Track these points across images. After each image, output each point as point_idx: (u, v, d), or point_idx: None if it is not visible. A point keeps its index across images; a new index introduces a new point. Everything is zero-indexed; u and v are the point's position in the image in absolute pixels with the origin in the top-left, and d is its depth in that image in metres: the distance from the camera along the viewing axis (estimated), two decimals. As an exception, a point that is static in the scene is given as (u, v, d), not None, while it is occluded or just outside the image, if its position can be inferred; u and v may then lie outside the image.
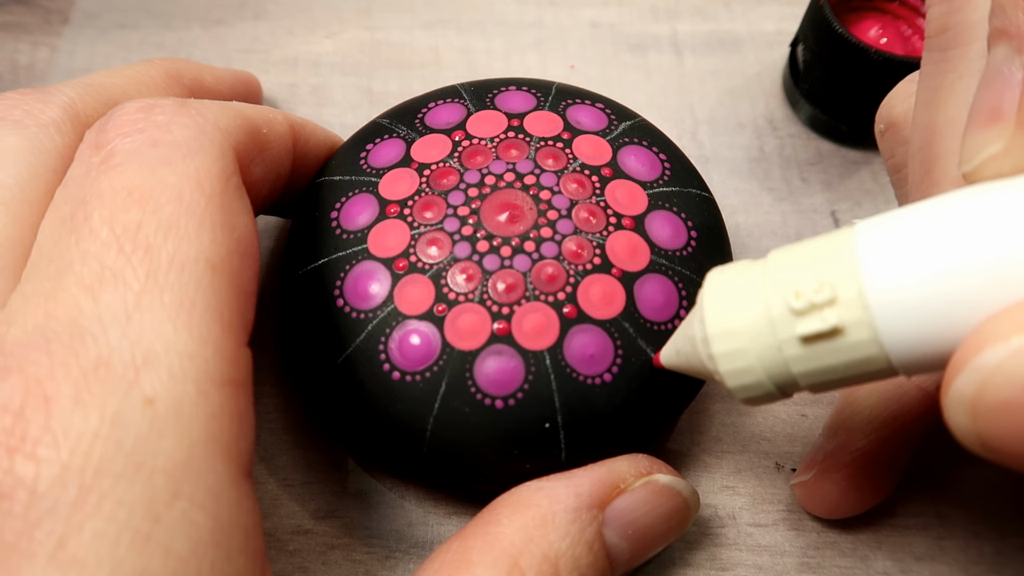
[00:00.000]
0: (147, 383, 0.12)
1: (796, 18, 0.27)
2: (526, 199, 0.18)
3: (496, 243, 0.17)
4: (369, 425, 0.17)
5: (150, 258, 0.13)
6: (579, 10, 0.27)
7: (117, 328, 0.12)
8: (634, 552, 0.16)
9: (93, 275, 0.12)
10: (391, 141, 0.19)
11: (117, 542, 0.11)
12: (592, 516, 0.15)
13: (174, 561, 0.11)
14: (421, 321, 0.16)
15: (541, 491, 0.16)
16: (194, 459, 0.12)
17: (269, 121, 0.17)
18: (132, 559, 0.11)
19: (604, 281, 0.17)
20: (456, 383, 0.16)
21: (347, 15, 0.27)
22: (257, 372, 0.20)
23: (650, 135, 0.20)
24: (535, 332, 0.16)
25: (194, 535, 0.11)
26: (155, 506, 0.11)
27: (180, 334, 0.12)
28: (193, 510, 0.11)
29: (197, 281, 0.13)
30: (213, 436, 0.12)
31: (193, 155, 0.14)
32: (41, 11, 0.27)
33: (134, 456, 0.11)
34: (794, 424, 0.20)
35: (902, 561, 0.18)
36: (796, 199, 0.24)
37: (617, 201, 0.18)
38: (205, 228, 0.13)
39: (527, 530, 0.15)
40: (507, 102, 0.20)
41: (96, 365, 0.12)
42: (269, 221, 0.23)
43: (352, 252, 0.17)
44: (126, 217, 0.13)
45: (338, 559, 0.18)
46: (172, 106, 0.15)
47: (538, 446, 0.16)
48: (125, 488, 0.11)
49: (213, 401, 0.12)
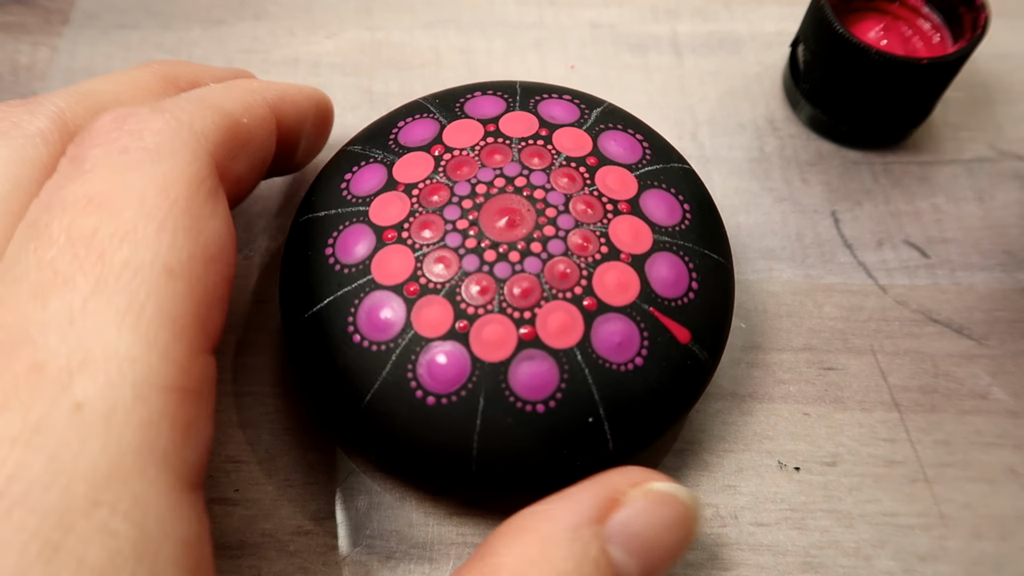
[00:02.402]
0: (79, 388, 0.11)
1: (796, 18, 0.27)
2: (522, 202, 0.18)
3: (503, 250, 0.17)
4: (411, 454, 0.17)
5: (102, 263, 0.12)
6: (579, 10, 0.28)
7: (58, 333, 0.12)
8: (642, 567, 0.15)
9: (45, 281, 0.12)
10: (370, 167, 0.19)
11: (23, 551, 0.10)
12: (593, 532, 0.14)
13: (87, 572, 0.10)
14: (446, 341, 0.16)
15: (536, 514, 0.15)
16: (121, 466, 0.11)
17: (249, 107, 0.17)
18: (38, 569, 0.10)
19: (616, 268, 0.17)
20: (493, 396, 0.16)
21: (347, 15, 0.27)
22: (257, 372, 0.20)
23: (622, 119, 0.20)
24: (561, 331, 0.16)
25: (112, 546, 0.11)
26: (70, 515, 0.11)
27: (124, 338, 0.12)
28: (114, 520, 0.11)
29: (149, 286, 0.12)
30: (148, 443, 0.12)
31: (162, 160, 0.14)
32: (41, 11, 0.27)
33: (53, 463, 0.11)
34: (796, 423, 0.20)
35: (905, 561, 0.18)
36: (796, 199, 0.24)
37: (609, 188, 0.18)
38: (165, 233, 0.13)
39: (527, 555, 0.14)
40: (477, 108, 0.20)
41: (29, 370, 0.11)
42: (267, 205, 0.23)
43: (359, 285, 0.17)
44: (83, 223, 0.13)
45: (338, 559, 0.18)
46: (146, 112, 0.15)
47: (585, 442, 0.16)
48: (38, 495, 0.11)
49: (153, 407, 0.12)
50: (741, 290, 0.22)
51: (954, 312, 0.22)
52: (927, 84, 0.23)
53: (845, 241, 0.23)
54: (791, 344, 0.21)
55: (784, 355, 0.21)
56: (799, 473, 0.19)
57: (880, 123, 0.24)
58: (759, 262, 0.23)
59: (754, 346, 0.21)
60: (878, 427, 0.20)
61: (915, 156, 0.25)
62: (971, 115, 0.26)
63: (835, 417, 0.20)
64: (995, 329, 0.22)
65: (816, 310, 0.22)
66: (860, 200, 0.24)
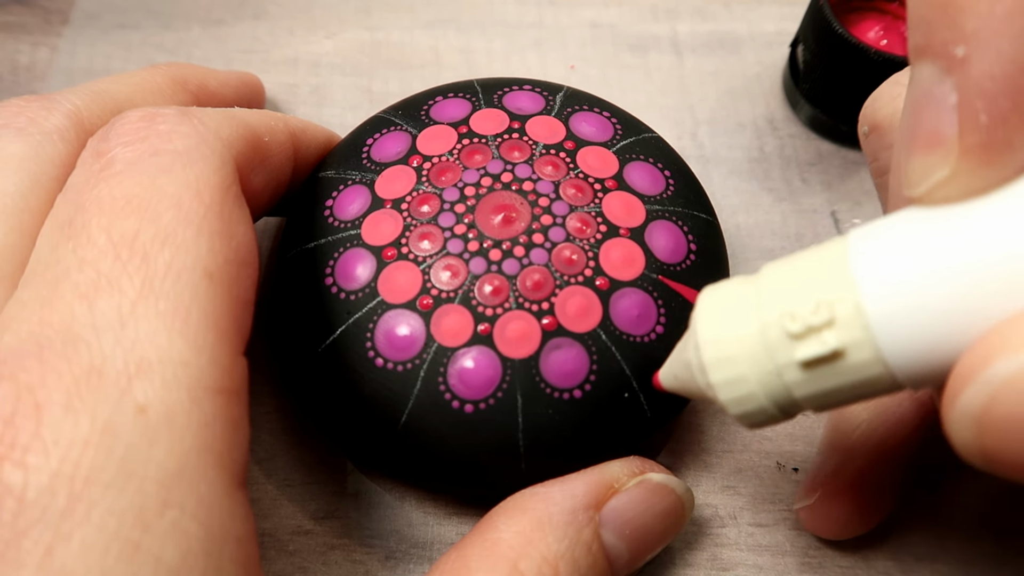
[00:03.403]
0: (140, 391, 0.12)
1: (796, 18, 0.27)
2: (513, 197, 0.18)
3: (506, 247, 0.17)
4: (458, 466, 0.17)
5: (146, 266, 0.12)
6: (579, 10, 0.28)
7: (111, 335, 0.12)
8: (633, 553, 0.16)
9: (89, 282, 0.12)
10: (350, 189, 0.19)
11: (106, 552, 0.10)
12: (588, 517, 0.16)
13: (164, 571, 0.11)
14: (471, 347, 0.16)
15: (536, 496, 0.16)
16: (186, 468, 0.11)
17: (271, 128, 0.17)
18: (121, 569, 0.10)
19: (619, 244, 0.17)
20: (529, 392, 0.16)
21: (347, 15, 0.27)
22: (256, 373, 0.20)
23: (586, 100, 0.20)
24: (580, 314, 0.17)
25: (184, 545, 0.11)
26: (145, 515, 0.11)
27: (175, 342, 0.12)
28: (184, 519, 0.11)
29: (193, 289, 0.13)
30: (206, 445, 0.12)
31: (193, 164, 0.14)
32: (41, 11, 0.27)
33: (125, 464, 0.11)
34: (795, 423, 0.20)
35: (903, 561, 0.18)
36: (796, 199, 0.24)
37: (592, 167, 0.18)
38: (203, 237, 0.13)
39: (525, 534, 0.15)
40: (443, 112, 0.20)
41: (88, 372, 0.11)
42: (268, 222, 0.23)
43: (370, 308, 0.17)
44: (124, 225, 0.13)
45: (338, 559, 0.18)
46: (174, 115, 0.15)
47: (625, 418, 0.17)
48: (115, 497, 0.11)
49: (206, 410, 0.12)
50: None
51: (953, 312, 0.22)
52: (927, 84, 0.22)
53: (845, 241, 0.23)
54: (790, 344, 0.21)
55: (783, 355, 0.21)
56: (798, 474, 0.19)
57: (880, 123, 0.24)
58: (759, 262, 0.23)
59: (753, 346, 0.21)
60: (877, 427, 0.20)
61: (915, 156, 0.25)
62: (971, 115, 0.26)
63: (834, 417, 0.20)
64: (994, 329, 0.21)
65: (815, 310, 0.22)
66: (860, 200, 0.24)
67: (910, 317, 0.10)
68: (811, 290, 0.11)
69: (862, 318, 0.11)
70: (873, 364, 0.11)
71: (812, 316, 0.11)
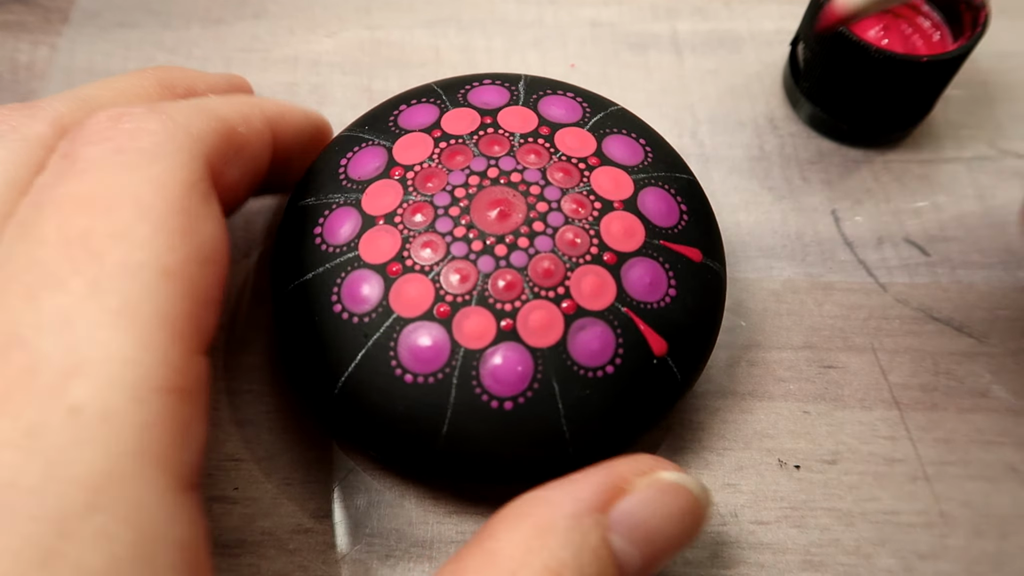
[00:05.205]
0: (75, 391, 0.11)
1: (796, 17, 0.27)
2: (516, 195, 0.18)
3: (490, 242, 0.17)
4: (385, 431, 0.17)
5: (97, 263, 0.12)
6: (579, 9, 0.27)
7: (52, 334, 0.11)
8: (646, 558, 0.15)
9: (36, 281, 0.12)
10: (368, 150, 0.19)
11: (19, 558, 0.10)
12: (595, 521, 0.14)
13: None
14: (428, 323, 0.16)
15: (537, 501, 0.15)
16: (119, 470, 0.11)
17: (245, 118, 0.17)
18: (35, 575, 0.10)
19: (595, 272, 0.17)
20: (465, 383, 0.16)
21: (347, 14, 0.27)
22: (256, 372, 0.20)
23: (629, 123, 0.20)
24: (540, 329, 0.16)
25: (110, 550, 0.11)
26: (67, 520, 0.10)
27: (120, 339, 0.12)
28: (112, 524, 0.11)
29: (145, 287, 0.12)
30: (145, 446, 0.11)
31: (158, 161, 0.14)
32: (41, 10, 0.27)
33: (50, 468, 0.11)
34: (797, 421, 0.20)
35: (905, 559, 0.18)
36: (796, 198, 0.24)
37: (604, 187, 0.18)
38: (161, 234, 0.13)
39: (525, 542, 0.14)
40: (479, 97, 0.20)
41: (22, 373, 0.11)
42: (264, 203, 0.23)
43: (344, 261, 0.17)
44: (77, 222, 0.12)
45: (338, 558, 0.18)
46: (142, 113, 0.15)
47: (548, 444, 0.16)
48: (36, 502, 0.10)
49: (150, 409, 0.12)
50: (741, 288, 0.22)
51: (954, 310, 0.22)
52: (927, 82, 0.23)
53: (845, 239, 0.23)
54: (791, 342, 0.21)
55: (784, 353, 0.21)
56: (799, 471, 0.19)
57: (880, 121, 0.24)
58: (759, 260, 0.23)
59: (754, 344, 0.21)
60: (878, 425, 0.20)
61: (915, 154, 0.25)
62: (971, 113, 0.26)
63: (835, 415, 0.20)
64: (995, 327, 0.21)
65: (816, 308, 0.22)
66: (860, 198, 0.24)
67: None
68: None
69: None
70: None
71: None
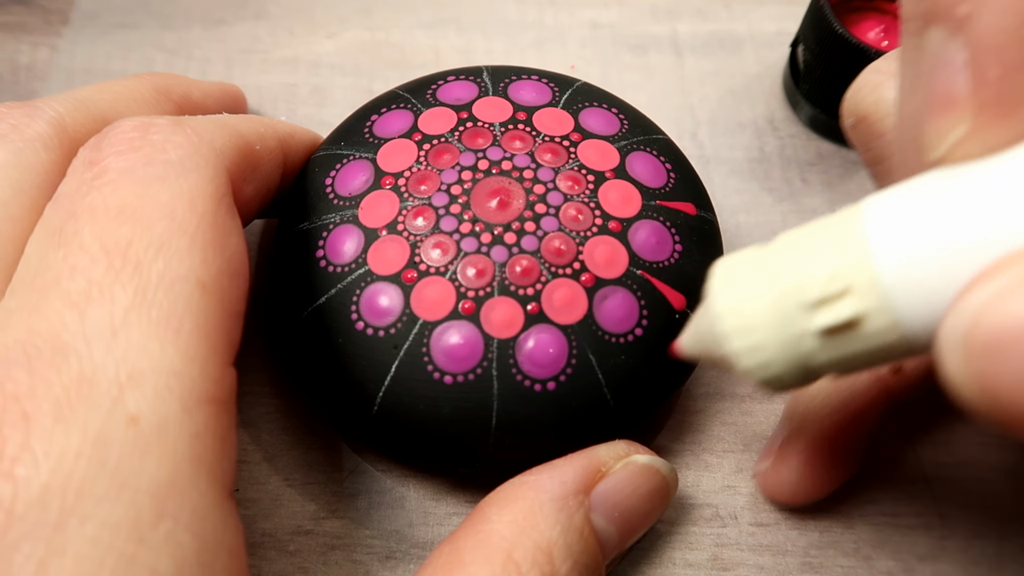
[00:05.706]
0: (131, 401, 0.11)
1: (796, 18, 0.27)
2: (511, 182, 0.18)
3: (498, 232, 0.17)
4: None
5: (139, 275, 0.12)
6: (579, 10, 0.28)
7: (102, 345, 0.12)
8: (621, 534, 0.16)
9: (80, 291, 0.12)
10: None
11: (101, 565, 0.10)
12: (579, 502, 0.16)
13: None
14: (457, 321, 0.17)
15: (526, 484, 0.16)
16: (179, 479, 0.11)
17: (261, 136, 0.17)
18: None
19: (606, 241, 0.17)
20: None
21: (347, 15, 0.27)
22: (256, 372, 0.20)
23: (598, 96, 0.20)
24: (565, 306, 0.17)
25: (179, 556, 0.11)
26: (139, 527, 0.11)
27: (167, 352, 0.12)
28: (178, 530, 0.11)
29: (186, 299, 0.13)
30: (197, 455, 0.12)
31: (187, 174, 0.14)
32: (41, 11, 0.27)
33: (118, 476, 0.11)
34: (795, 424, 0.20)
35: (905, 561, 0.18)
36: (797, 199, 0.24)
37: (592, 159, 0.18)
38: (196, 247, 0.13)
39: (517, 523, 0.15)
40: (449, 94, 0.20)
41: (79, 382, 0.11)
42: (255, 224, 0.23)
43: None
44: (117, 233, 0.13)
45: (338, 559, 0.18)
46: (168, 125, 0.15)
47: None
48: (108, 509, 0.11)
49: (198, 420, 0.12)
50: (741, 290, 0.22)
51: (954, 312, 0.22)
52: (927, 84, 0.23)
53: (845, 241, 0.23)
54: (791, 344, 0.21)
55: (784, 355, 0.21)
56: (799, 473, 0.19)
57: (880, 123, 0.24)
58: (759, 262, 0.23)
59: (754, 346, 0.21)
60: (878, 427, 0.20)
61: (915, 156, 0.25)
62: (971, 115, 0.26)
63: (835, 417, 0.20)
64: (995, 329, 0.21)
65: (816, 310, 0.22)
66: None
67: (924, 282, 0.10)
68: (826, 258, 0.11)
69: (877, 286, 0.11)
70: (889, 331, 0.11)
71: (828, 285, 0.11)
